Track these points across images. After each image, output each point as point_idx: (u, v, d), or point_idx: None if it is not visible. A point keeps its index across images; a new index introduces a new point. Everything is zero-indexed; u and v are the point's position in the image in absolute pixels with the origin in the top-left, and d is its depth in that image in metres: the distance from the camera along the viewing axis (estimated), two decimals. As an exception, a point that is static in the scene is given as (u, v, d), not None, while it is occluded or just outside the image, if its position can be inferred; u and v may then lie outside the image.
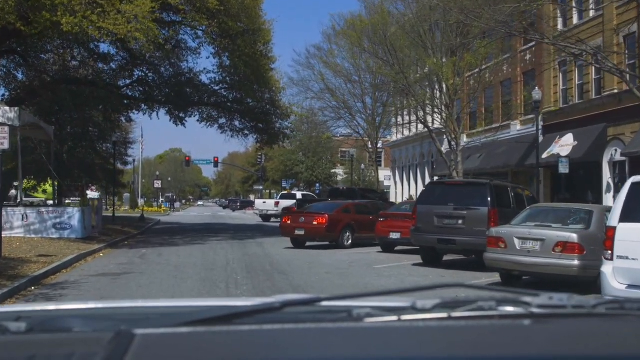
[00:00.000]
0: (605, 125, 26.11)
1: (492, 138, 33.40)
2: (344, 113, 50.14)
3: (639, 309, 1.39)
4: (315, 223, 20.98)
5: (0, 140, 13.40)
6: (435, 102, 31.72)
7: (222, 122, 31.17)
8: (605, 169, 26.58)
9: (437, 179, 32.28)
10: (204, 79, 31.42)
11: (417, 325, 1.29)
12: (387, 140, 57.94)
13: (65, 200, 25.94)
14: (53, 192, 28.10)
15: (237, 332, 1.25)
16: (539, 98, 25.70)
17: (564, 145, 27.51)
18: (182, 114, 30.46)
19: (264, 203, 47.45)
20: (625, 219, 8.28)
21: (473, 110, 36.65)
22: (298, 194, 44.95)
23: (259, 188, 72.35)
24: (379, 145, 53.85)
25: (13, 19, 17.59)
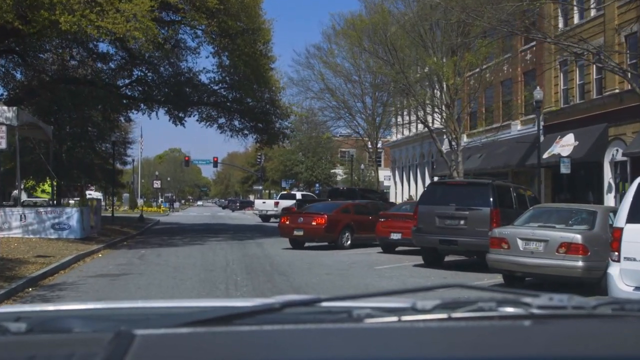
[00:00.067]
0: (607, 125, 25.99)
1: (492, 138, 33.31)
2: (344, 113, 50.06)
3: (639, 310, 1.40)
4: (314, 223, 20.78)
5: (-2, 140, 13.29)
6: (436, 101, 31.61)
7: (221, 121, 31.10)
8: (607, 169, 26.46)
9: (437, 179, 32.18)
10: (204, 79, 31.31)
11: (417, 326, 1.30)
12: (387, 140, 57.80)
13: (70, 201, 25.82)
14: (52, 192, 27.98)
15: (237, 332, 1.26)
16: (541, 98, 25.56)
17: (565, 146, 27.39)
18: (181, 114, 30.37)
19: (264, 203, 47.24)
20: (633, 220, 8.15)
21: (473, 110, 36.53)
22: (298, 194, 44.79)
23: (259, 188, 72.22)
24: (379, 145, 53.74)
25: (11, 18, 17.46)
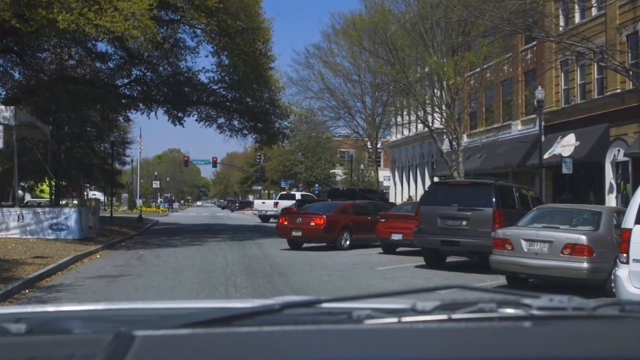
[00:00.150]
0: (608, 125, 25.85)
1: (492, 138, 33.18)
2: (344, 113, 49.93)
3: (639, 311, 1.40)
4: (313, 224, 20.55)
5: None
6: (436, 101, 31.47)
7: (220, 121, 30.94)
8: (608, 170, 26.32)
9: (437, 180, 32.04)
10: (203, 78, 31.20)
11: (417, 327, 1.30)
12: (386, 140, 57.65)
13: (73, 201, 25.63)
14: (50, 192, 27.80)
15: (236, 333, 1.26)
16: (542, 97, 25.40)
17: (566, 146, 27.26)
18: (180, 114, 30.22)
19: (263, 203, 47.05)
20: (641, 221, 8.00)
21: (474, 110, 36.40)
22: (297, 195, 44.63)
23: (258, 188, 72.05)
24: (379, 146, 53.59)
25: (8, 16, 17.29)
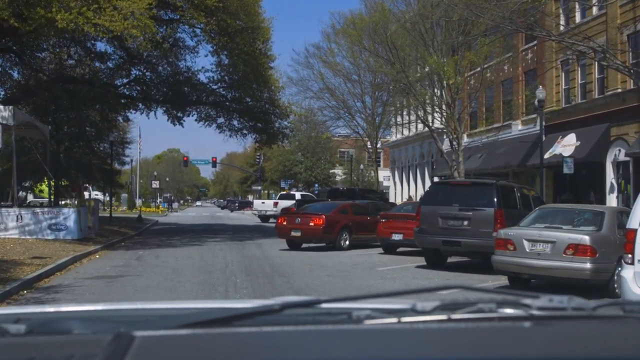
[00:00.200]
0: (609, 125, 25.76)
1: (493, 138, 33.09)
2: (344, 113, 49.88)
3: (639, 311, 1.39)
4: (312, 224, 20.41)
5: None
6: (436, 101, 31.38)
7: (220, 121, 30.86)
8: (609, 170, 26.24)
9: (437, 179, 31.95)
10: (202, 78, 31.14)
11: (416, 327, 1.30)
12: (386, 140, 57.58)
13: (74, 201, 25.51)
14: (49, 192, 27.71)
15: (236, 334, 1.25)
16: (543, 97, 25.30)
17: (567, 145, 27.17)
18: (180, 114, 30.14)
19: (263, 203, 46.96)
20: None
21: (474, 110, 36.32)
22: (297, 195, 44.55)
23: (258, 188, 71.97)
24: (379, 145, 53.50)
25: (7, 15, 17.22)
